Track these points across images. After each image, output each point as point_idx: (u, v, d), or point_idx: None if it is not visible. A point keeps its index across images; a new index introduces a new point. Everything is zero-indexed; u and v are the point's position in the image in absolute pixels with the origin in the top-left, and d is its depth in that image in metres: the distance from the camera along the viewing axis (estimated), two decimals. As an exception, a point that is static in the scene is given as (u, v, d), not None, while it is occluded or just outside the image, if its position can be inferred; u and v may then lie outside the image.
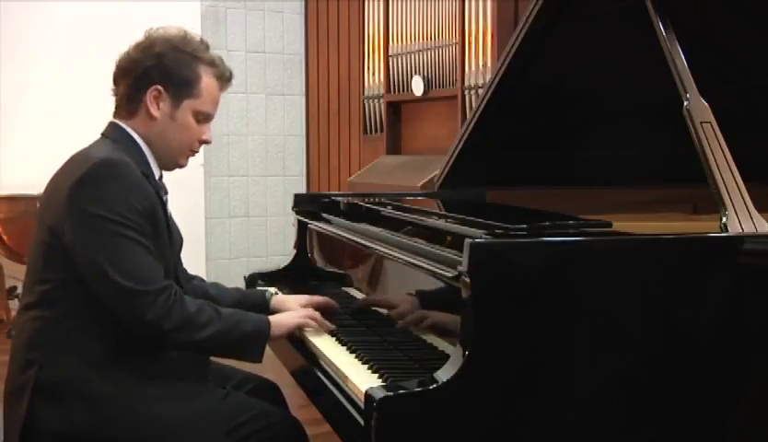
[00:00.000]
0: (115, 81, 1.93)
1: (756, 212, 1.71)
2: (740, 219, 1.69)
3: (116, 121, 1.92)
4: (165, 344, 1.82)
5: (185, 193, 6.03)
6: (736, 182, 1.73)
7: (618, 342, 1.56)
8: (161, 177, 1.95)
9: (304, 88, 6.38)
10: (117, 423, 1.74)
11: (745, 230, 1.67)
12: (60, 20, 5.31)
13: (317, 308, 2.11)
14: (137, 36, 1.95)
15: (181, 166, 1.98)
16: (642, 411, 1.57)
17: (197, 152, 2.00)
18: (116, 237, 1.73)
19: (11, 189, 4.96)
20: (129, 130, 1.89)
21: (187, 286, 2.05)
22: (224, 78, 1.96)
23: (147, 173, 1.87)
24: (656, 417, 1.58)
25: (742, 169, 1.75)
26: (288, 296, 2.27)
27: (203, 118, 1.94)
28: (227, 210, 6.19)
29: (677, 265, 1.62)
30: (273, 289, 2.35)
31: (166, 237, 1.88)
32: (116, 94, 1.93)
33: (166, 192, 1.96)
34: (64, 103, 5.33)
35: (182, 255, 2.08)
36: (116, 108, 1.93)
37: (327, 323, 2.04)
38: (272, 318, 1.94)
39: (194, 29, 6.44)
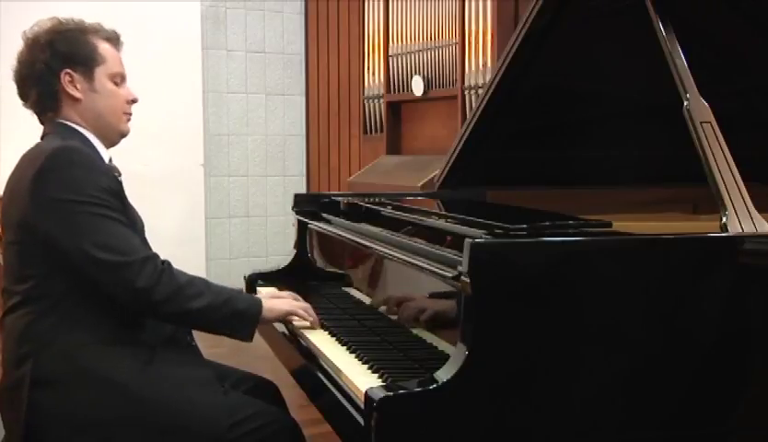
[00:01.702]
0: (23, 95, 1.95)
1: (756, 212, 1.71)
2: (740, 219, 1.69)
3: (50, 119, 1.93)
4: (155, 317, 1.83)
5: (185, 193, 6.07)
6: (736, 182, 1.73)
7: (618, 342, 1.56)
8: (110, 160, 1.97)
9: (304, 88, 6.38)
10: (118, 402, 1.75)
11: (745, 230, 1.67)
12: (60, 20, 5.31)
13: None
14: (137, 36, 1.96)
15: (124, 132, 2.00)
16: (642, 411, 1.57)
17: (131, 114, 2.01)
18: (90, 216, 1.75)
19: (11, 189, 4.95)
20: (65, 122, 1.92)
21: None
22: (113, 39, 1.99)
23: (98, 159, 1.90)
24: (656, 417, 1.58)
25: (742, 169, 1.75)
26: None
27: (120, 79, 1.98)
28: (227, 210, 6.19)
29: (677, 265, 1.62)
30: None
31: (132, 215, 1.90)
32: (31, 104, 1.95)
33: (119, 173, 1.96)
34: (64, 103, 5.32)
35: (183, 255, 2.09)
36: (39, 113, 1.95)
37: (315, 318, 2.06)
38: (264, 301, 1.95)
39: (194, 29, 6.47)
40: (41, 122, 1.96)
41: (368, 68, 5.39)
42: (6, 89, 2.07)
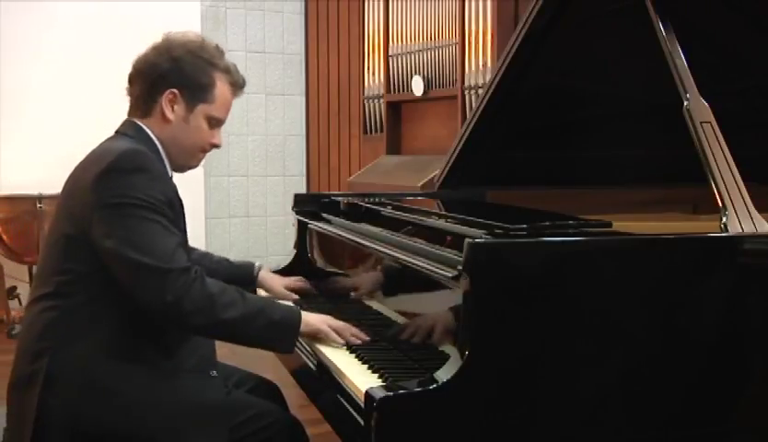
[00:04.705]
0: (130, 81, 1.96)
1: (756, 212, 1.71)
2: (740, 219, 1.69)
3: (132, 119, 1.94)
4: (186, 330, 1.81)
5: (185, 193, 6.03)
6: (736, 182, 1.73)
7: (618, 342, 1.56)
8: (171, 177, 1.97)
9: (304, 88, 6.39)
10: (124, 413, 1.74)
11: (745, 230, 1.67)
12: (60, 20, 5.31)
13: (297, 291, 2.39)
14: (137, 36, 1.96)
15: (192, 167, 2.02)
16: (642, 411, 1.57)
17: (206, 153, 2.02)
18: (140, 220, 1.74)
19: (11, 189, 4.96)
20: (146, 128, 1.92)
21: None
22: (237, 85, 1.99)
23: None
24: (656, 417, 1.58)
25: (742, 169, 1.75)
26: (273, 276, 2.43)
27: (215, 123, 1.97)
28: (227, 210, 6.19)
29: (677, 265, 1.62)
30: (258, 263, 2.42)
31: (183, 229, 1.90)
32: (130, 93, 1.96)
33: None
34: (65, 103, 5.33)
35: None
36: (131, 107, 1.96)
37: (358, 335, 1.94)
38: (303, 314, 1.91)
39: (194, 29, 6.46)
40: (129, 114, 1.96)
41: (368, 68, 5.39)
42: (7, 89, 2.07)
